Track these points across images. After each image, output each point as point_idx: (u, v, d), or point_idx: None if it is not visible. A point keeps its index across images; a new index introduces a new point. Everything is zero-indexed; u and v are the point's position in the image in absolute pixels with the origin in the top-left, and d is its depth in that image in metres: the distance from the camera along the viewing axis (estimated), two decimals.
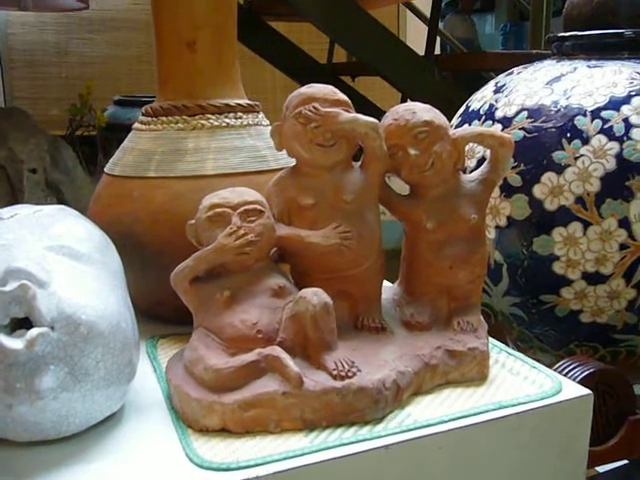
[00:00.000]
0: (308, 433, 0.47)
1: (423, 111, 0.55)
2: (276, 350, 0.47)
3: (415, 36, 1.78)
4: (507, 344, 0.77)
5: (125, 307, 0.49)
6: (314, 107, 0.52)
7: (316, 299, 0.48)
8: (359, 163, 0.55)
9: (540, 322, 0.73)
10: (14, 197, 1.22)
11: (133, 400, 0.52)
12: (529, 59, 0.87)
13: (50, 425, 0.44)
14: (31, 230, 0.49)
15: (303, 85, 0.54)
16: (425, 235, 0.56)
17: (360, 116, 0.52)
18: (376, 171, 0.54)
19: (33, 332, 0.41)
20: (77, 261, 0.48)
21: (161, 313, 0.64)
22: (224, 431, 0.47)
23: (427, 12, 2.33)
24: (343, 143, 0.53)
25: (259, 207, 0.51)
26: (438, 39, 2.63)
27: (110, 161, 0.69)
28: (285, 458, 0.43)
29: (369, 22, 1.32)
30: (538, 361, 0.58)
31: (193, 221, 0.52)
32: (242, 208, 0.51)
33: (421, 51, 1.45)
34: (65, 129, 1.85)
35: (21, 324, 0.43)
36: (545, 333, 0.74)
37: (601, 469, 0.77)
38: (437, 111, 0.56)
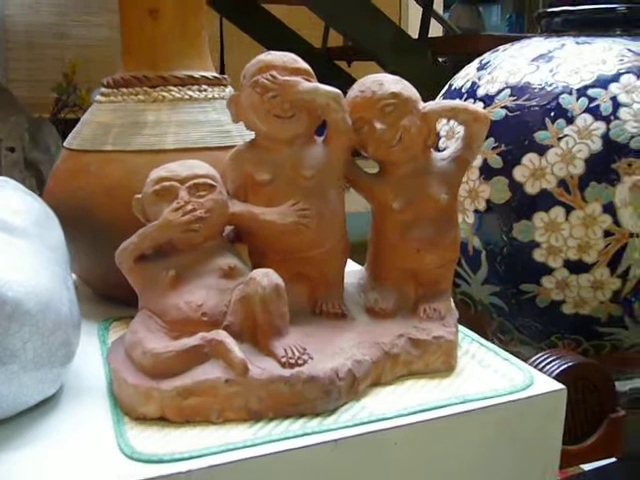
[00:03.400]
0: (253, 424, 0.43)
1: (391, 82, 0.52)
2: (221, 334, 0.44)
3: (416, 22, 1.72)
4: (486, 335, 0.73)
5: (61, 284, 0.45)
6: (272, 75, 0.48)
7: (266, 280, 0.45)
8: (322, 138, 0.51)
9: (520, 313, 0.69)
10: None
11: (74, 384, 0.48)
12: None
13: None
14: None
15: None
16: (391, 216, 0.52)
17: (321, 86, 0.49)
18: (339, 146, 0.51)
19: None
20: (9, 234, 0.44)
21: (117, 295, 0.61)
22: (163, 420, 0.43)
23: None
24: (303, 115, 0.49)
25: (210, 181, 0.48)
26: (442, 28, 2.59)
27: (70, 135, 0.66)
28: (224, 451, 0.40)
29: (361, 3, 1.28)
30: (518, 354, 0.55)
31: (140, 195, 0.49)
32: (191, 182, 0.47)
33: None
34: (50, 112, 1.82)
35: None
36: (526, 324, 0.70)
37: (587, 467, 0.74)
38: (407, 83, 0.53)
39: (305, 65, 0.50)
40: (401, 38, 1.30)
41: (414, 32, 1.56)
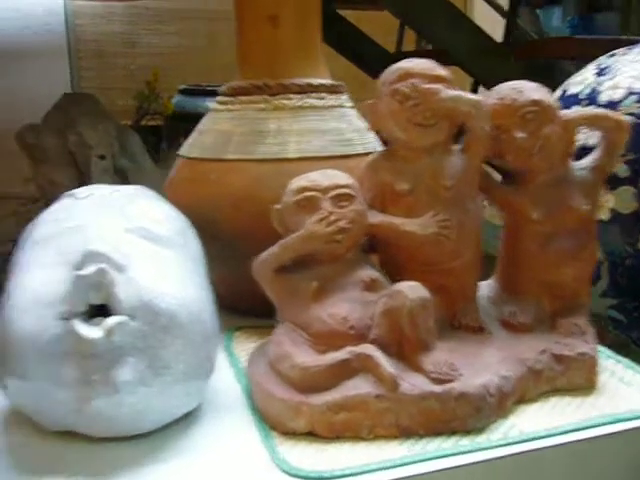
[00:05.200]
0: (403, 441, 0.42)
1: (531, 90, 0.50)
2: (369, 348, 0.43)
3: (481, 23, 1.70)
4: None
5: (206, 296, 0.45)
6: (413, 84, 0.47)
7: (413, 293, 0.44)
8: (458, 146, 0.50)
9: None
10: (82, 183, 1.21)
11: (210, 397, 0.48)
12: (619, 45, 0.80)
13: (126, 421, 0.41)
14: (107, 211, 0.46)
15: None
16: (530, 227, 0.50)
17: (463, 93, 0.48)
18: (477, 155, 0.49)
19: (112, 320, 0.38)
20: (157, 244, 0.44)
21: (238, 305, 0.60)
22: (311, 435, 0.42)
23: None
24: (444, 123, 0.48)
25: (351, 191, 0.47)
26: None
27: (185, 143, 0.66)
28: (383, 468, 0.39)
29: (445, 7, 1.26)
30: None
31: (279, 206, 0.48)
32: (333, 192, 0.46)
33: None
34: (132, 119, 1.84)
35: (97, 312, 0.40)
36: None
37: None
38: (546, 90, 0.51)
39: (445, 72, 0.49)
40: (485, 42, 1.28)
41: None
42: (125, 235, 0.43)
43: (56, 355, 0.39)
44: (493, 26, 1.85)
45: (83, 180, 1.19)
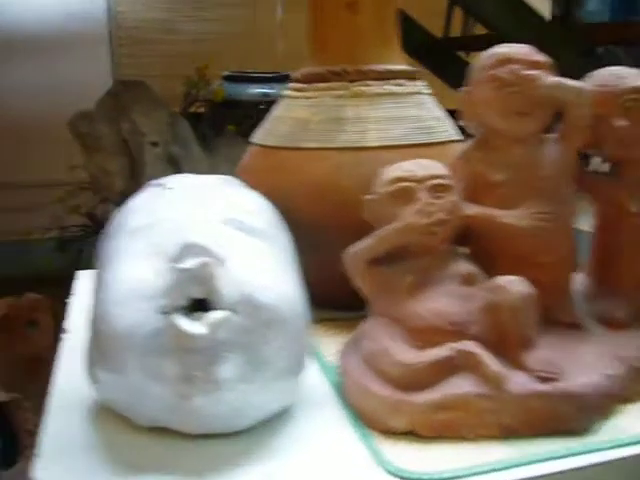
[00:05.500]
0: (504, 441, 0.41)
1: (633, 76, 0.48)
2: (471, 345, 0.42)
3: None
4: None
5: (300, 289, 0.44)
6: (511, 70, 0.45)
7: (516, 288, 0.42)
8: (552, 135, 0.48)
9: None
10: (135, 170, 1.21)
11: (299, 392, 0.47)
12: None
13: (223, 418, 0.40)
14: (199, 202, 0.45)
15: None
16: (628, 219, 0.49)
17: (565, 80, 0.46)
18: (574, 144, 0.48)
19: (217, 315, 0.37)
20: (252, 236, 0.43)
21: (318, 297, 0.59)
22: (409, 434, 0.41)
23: None
24: (541, 111, 0.46)
25: (447, 182, 0.45)
26: None
27: (258, 130, 0.64)
28: (492, 470, 0.38)
29: None
30: None
31: (371, 196, 0.47)
32: (429, 182, 0.45)
33: None
34: (174, 106, 1.84)
35: (196, 306, 0.39)
36: None
37: None
38: None
39: (544, 57, 0.47)
40: (543, 25, 1.25)
41: None
42: (221, 227, 0.42)
43: (155, 350, 0.38)
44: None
45: (136, 167, 1.19)
